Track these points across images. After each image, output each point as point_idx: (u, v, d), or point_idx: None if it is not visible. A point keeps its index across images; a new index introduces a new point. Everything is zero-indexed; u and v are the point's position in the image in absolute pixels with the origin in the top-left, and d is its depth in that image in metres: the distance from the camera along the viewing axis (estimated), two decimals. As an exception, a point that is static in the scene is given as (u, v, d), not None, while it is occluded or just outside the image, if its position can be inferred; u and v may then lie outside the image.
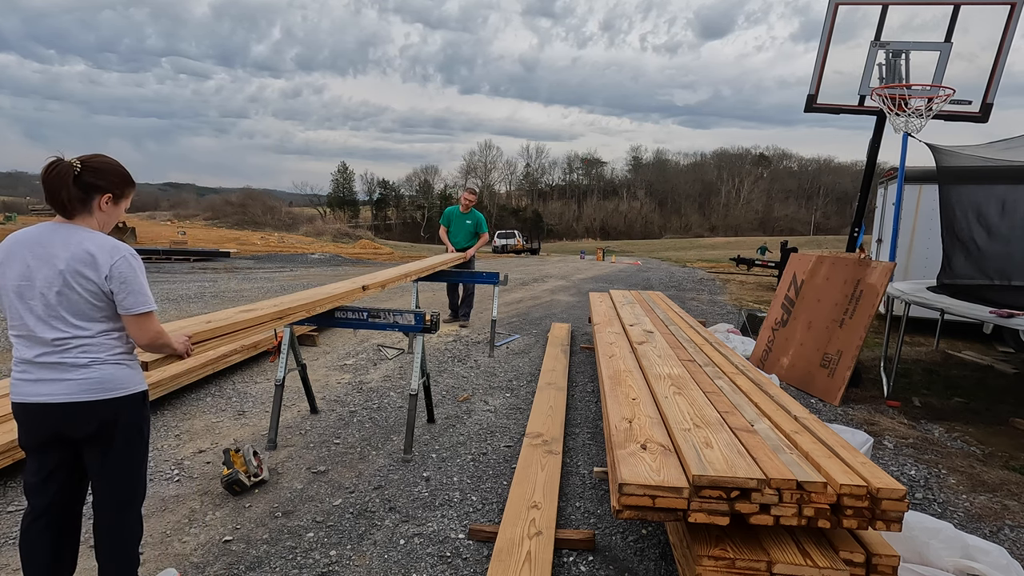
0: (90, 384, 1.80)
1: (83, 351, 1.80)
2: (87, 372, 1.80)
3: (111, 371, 1.84)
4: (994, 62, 5.84)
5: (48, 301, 1.76)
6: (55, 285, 1.76)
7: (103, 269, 1.78)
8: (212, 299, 9.39)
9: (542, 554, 2.38)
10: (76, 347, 1.79)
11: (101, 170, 1.85)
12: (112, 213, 1.90)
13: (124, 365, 1.88)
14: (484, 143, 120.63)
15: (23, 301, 1.78)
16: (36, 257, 1.77)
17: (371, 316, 3.47)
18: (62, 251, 1.77)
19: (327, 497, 3.01)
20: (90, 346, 1.81)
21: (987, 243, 5.51)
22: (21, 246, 1.80)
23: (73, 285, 1.76)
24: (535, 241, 42.07)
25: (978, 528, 2.93)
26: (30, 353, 1.80)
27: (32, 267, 1.77)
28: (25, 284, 1.77)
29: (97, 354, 1.82)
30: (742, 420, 2.57)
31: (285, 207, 76.07)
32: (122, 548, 1.97)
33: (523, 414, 4.30)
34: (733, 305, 10.72)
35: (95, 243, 1.80)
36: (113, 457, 1.89)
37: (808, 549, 1.95)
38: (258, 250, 23.45)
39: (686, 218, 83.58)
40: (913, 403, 4.97)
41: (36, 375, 1.80)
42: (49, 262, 1.76)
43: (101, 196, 1.85)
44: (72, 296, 1.77)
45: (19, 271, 1.78)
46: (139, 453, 1.97)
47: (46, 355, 1.79)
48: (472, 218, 7.30)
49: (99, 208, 1.86)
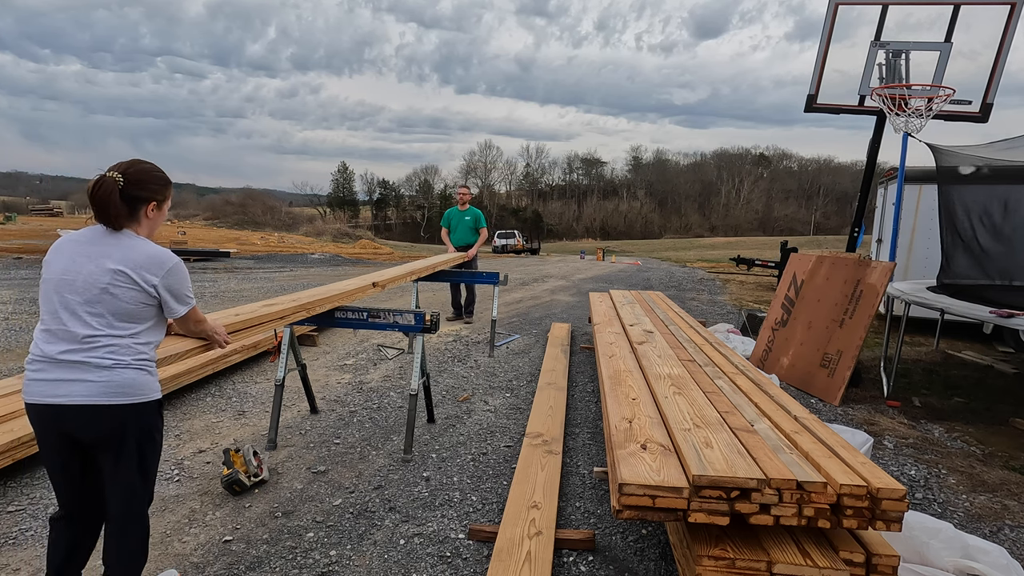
0: (110, 387, 1.80)
1: (110, 352, 1.80)
2: (109, 375, 1.79)
3: (132, 376, 1.84)
4: (994, 62, 5.83)
5: (89, 297, 1.78)
6: (101, 282, 1.78)
7: (152, 279, 1.84)
8: (212, 299, 9.39)
9: (542, 554, 2.38)
10: (104, 347, 1.79)
11: (143, 181, 1.89)
12: (157, 219, 1.96)
13: (145, 371, 1.88)
14: (484, 143, 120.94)
15: (61, 295, 1.79)
16: (85, 255, 1.81)
17: (371, 316, 3.47)
18: (114, 252, 1.82)
19: (327, 497, 3.01)
20: (118, 347, 1.81)
21: (987, 243, 5.51)
22: (73, 244, 1.85)
23: (121, 285, 1.80)
24: (535, 241, 42.05)
25: (978, 528, 2.93)
26: (54, 349, 1.78)
27: (79, 263, 1.80)
28: (67, 278, 1.80)
29: (122, 357, 1.82)
30: (742, 420, 2.57)
31: (285, 207, 76.17)
32: (128, 553, 1.96)
33: (523, 414, 4.30)
34: (733, 305, 10.72)
35: (148, 251, 1.86)
36: (125, 462, 1.88)
37: (808, 549, 1.95)
38: (258, 250, 23.42)
39: (686, 218, 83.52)
40: (913, 403, 4.97)
41: (54, 375, 1.78)
42: (98, 260, 1.80)
43: (147, 205, 1.91)
44: (117, 295, 1.79)
45: (65, 265, 1.81)
46: (151, 459, 1.97)
47: (71, 352, 1.77)
48: (471, 214, 7.53)
49: (146, 216, 1.92)
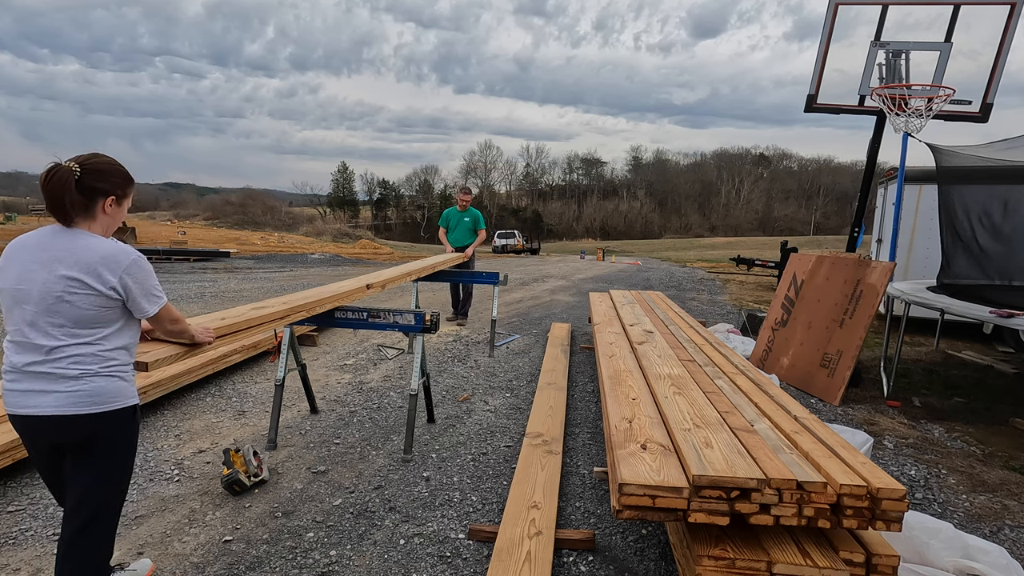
0: (79, 397, 1.73)
1: (75, 362, 1.72)
2: (77, 384, 1.73)
3: (102, 384, 1.76)
4: (994, 62, 5.83)
5: (47, 307, 1.70)
6: (55, 291, 1.69)
7: (110, 279, 1.73)
8: (212, 299, 9.39)
9: (542, 554, 2.38)
10: (68, 357, 1.72)
11: (103, 171, 1.78)
12: (116, 215, 1.84)
13: (117, 378, 1.80)
14: (484, 143, 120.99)
15: (19, 306, 1.72)
16: (37, 261, 1.72)
17: (371, 316, 3.47)
18: (66, 256, 1.71)
19: (327, 497, 3.01)
20: (83, 356, 1.73)
21: (987, 243, 5.51)
22: (23, 250, 1.75)
23: (76, 291, 1.70)
24: (535, 241, 42.05)
25: (978, 528, 2.93)
26: (20, 360, 1.73)
27: (32, 271, 1.71)
28: (23, 288, 1.71)
29: (89, 366, 1.74)
30: (742, 420, 2.57)
31: (285, 207, 76.23)
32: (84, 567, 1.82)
33: (523, 414, 4.30)
34: (733, 305, 10.72)
35: (101, 250, 1.73)
36: (92, 468, 1.80)
37: (808, 549, 1.95)
38: (258, 250, 23.44)
39: (686, 218, 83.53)
40: (913, 403, 4.97)
41: (25, 385, 1.73)
42: (50, 267, 1.70)
43: (105, 199, 1.79)
44: (74, 303, 1.70)
45: (18, 274, 1.72)
46: (120, 468, 1.87)
47: (37, 364, 1.72)
48: (470, 215, 7.49)
49: (103, 211, 1.80)
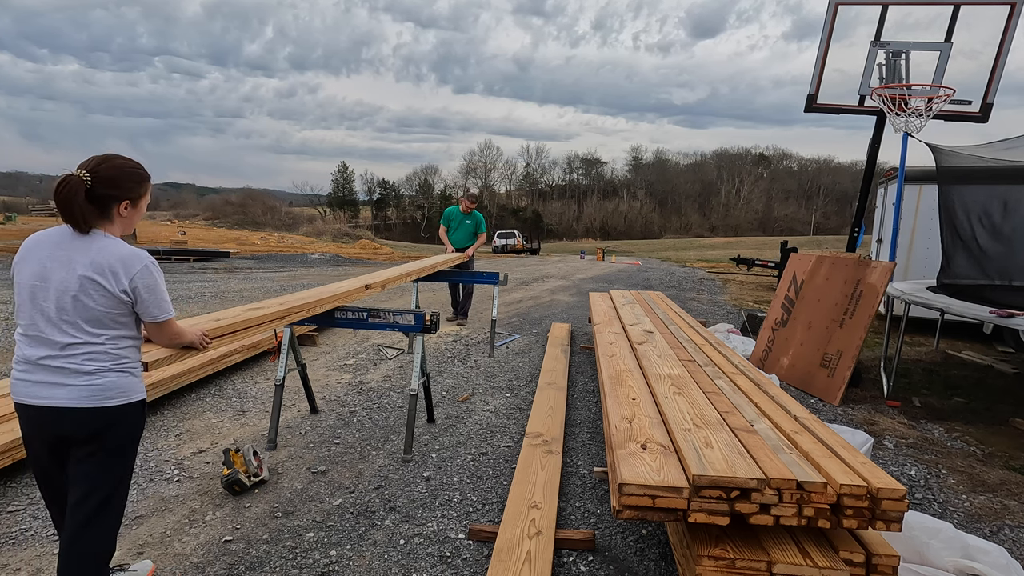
0: (93, 391, 1.77)
1: (89, 359, 1.77)
2: (90, 379, 1.77)
3: (114, 379, 1.81)
4: (994, 62, 5.83)
5: (62, 305, 1.74)
6: (71, 290, 1.74)
7: (123, 281, 1.77)
8: (212, 299, 9.39)
9: (542, 554, 2.38)
10: (83, 354, 1.77)
11: (114, 178, 1.80)
12: (133, 216, 1.88)
13: (128, 373, 1.85)
14: (484, 143, 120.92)
15: (35, 302, 1.76)
16: (54, 259, 1.76)
17: (371, 316, 3.47)
18: (82, 257, 1.75)
19: (327, 497, 3.01)
20: (97, 354, 1.78)
21: (987, 243, 5.51)
22: (41, 246, 1.79)
23: (91, 292, 1.74)
24: (535, 241, 42.06)
25: (978, 528, 2.93)
26: (35, 354, 1.77)
27: (49, 268, 1.75)
28: (39, 285, 1.75)
29: (103, 363, 1.79)
30: (742, 420, 2.57)
31: (285, 207, 76.15)
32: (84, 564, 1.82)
33: (523, 414, 4.30)
34: (733, 305, 10.72)
35: (116, 253, 1.77)
36: (98, 462, 1.83)
37: (808, 549, 1.95)
38: (258, 250, 23.43)
39: (686, 218, 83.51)
40: (913, 403, 4.97)
41: (37, 377, 1.77)
42: (68, 265, 1.74)
43: (119, 204, 1.82)
44: (88, 303, 1.75)
45: (35, 271, 1.76)
46: (125, 462, 1.90)
47: (51, 358, 1.76)
48: (472, 219, 7.47)
49: (119, 215, 1.84)
